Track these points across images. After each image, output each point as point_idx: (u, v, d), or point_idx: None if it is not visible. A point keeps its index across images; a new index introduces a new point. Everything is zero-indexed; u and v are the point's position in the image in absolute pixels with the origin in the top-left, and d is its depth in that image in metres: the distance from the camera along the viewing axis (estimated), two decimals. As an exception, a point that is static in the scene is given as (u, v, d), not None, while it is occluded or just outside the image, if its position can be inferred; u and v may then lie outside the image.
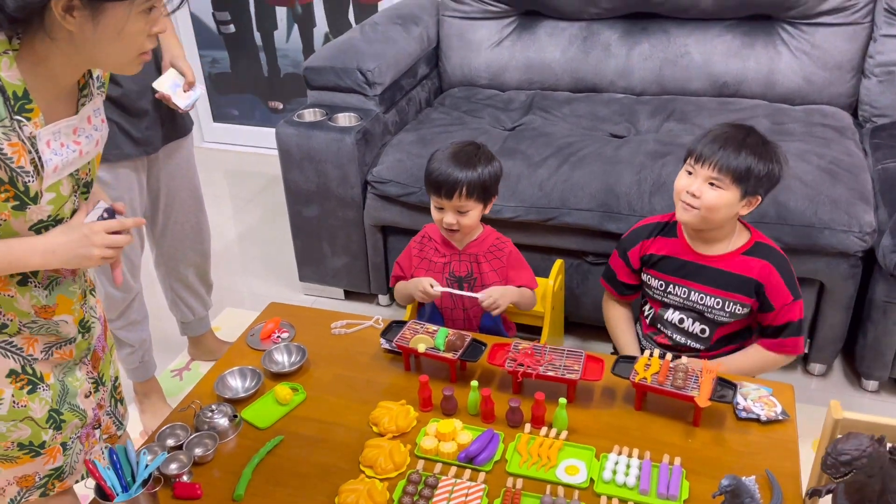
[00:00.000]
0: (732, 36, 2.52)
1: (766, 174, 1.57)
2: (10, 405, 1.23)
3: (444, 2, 2.79)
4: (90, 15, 1.00)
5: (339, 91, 2.46)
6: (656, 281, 1.77)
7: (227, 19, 3.65)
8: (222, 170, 3.84)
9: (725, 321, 1.72)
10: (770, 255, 1.67)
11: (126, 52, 1.08)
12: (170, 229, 2.07)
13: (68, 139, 1.14)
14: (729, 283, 1.68)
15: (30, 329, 1.22)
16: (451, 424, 1.41)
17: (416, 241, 1.89)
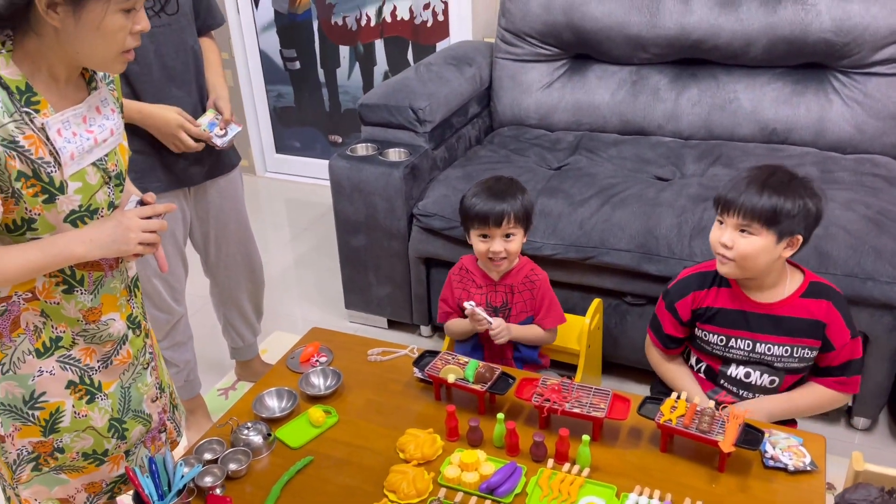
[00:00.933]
0: (783, 83, 2.51)
1: (798, 212, 1.49)
2: (72, 416, 1.30)
3: (498, 44, 2.88)
4: (71, 11, 1.05)
5: (391, 127, 2.55)
6: (715, 336, 1.67)
7: (293, 56, 3.83)
8: (282, 199, 3.99)
9: (796, 367, 1.65)
10: (828, 294, 1.61)
11: (107, 48, 1.12)
12: (222, 261, 2.18)
13: (79, 128, 1.18)
14: (794, 329, 1.61)
15: (83, 338, 1.29)
16: (476, 455, 1.44)
17: (454, 272, 1.95)
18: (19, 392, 1.27)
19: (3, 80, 1.08)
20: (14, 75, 1.09)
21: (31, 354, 1.26)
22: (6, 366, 1.25)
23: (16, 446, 1.30)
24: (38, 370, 1.27)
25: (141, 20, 1.13)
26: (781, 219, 1.50)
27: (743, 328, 1.64)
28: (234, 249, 2.18)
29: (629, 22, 2.61)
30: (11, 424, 1.28)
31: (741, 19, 2.48)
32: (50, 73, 1.14)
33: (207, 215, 2.09)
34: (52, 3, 1.04)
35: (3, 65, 1.08)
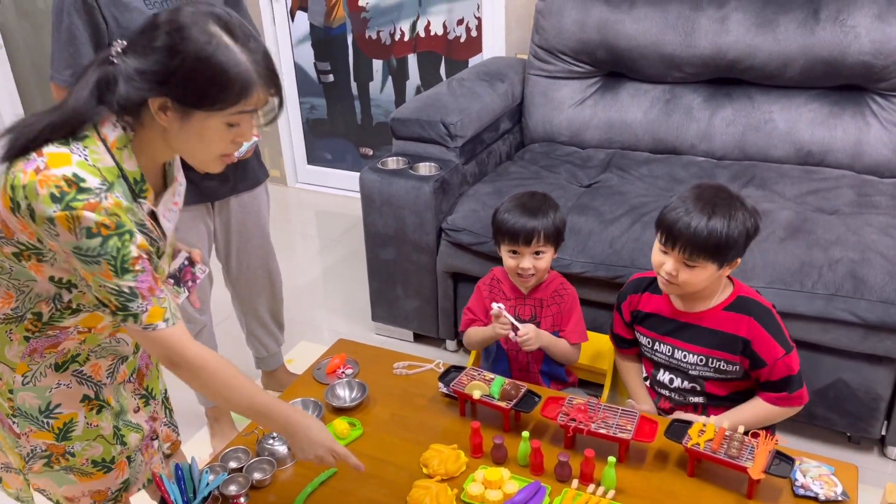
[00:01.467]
0: (819, 105, 2.48)
1: (740, 238, 1.52)
2: (84, 426, 1.35)
3: (531, 61, 2.88)
4: (180, 117, 1.13)
5: (423, 142, 2.57)
6: (644, 338, 1.75)
7: (327, 69, 3.87)
8: (313, 209, 4.03)
9: (713, 377, 1.67)
10: (752, 309, 1.61)
11: (207, 153, 1.20)
12: (243, 273, 2.21)
13: (170, 203, 1.31)
14: (711, 341, 1.63)
15: (96, 354, 1.35)
16: (499, 473, 1.43)
17: (484, 282, 1.95)
18: (35, 403, 1.31)
19: (125, 173, 1.17)
20: (133, 167, 1.19)
21: (51, 368, 1.31)
22: (27, 378, 1.30)
23: (30, 443, 1.34)
24: (57, 383, 1.31)
25: (245, 133, 1.19)
26: (724, 251, 1.52)
27: (664, 333, 1.70)
28: (256, 264, 2.20)
29: (664, 41, 2.60)
30: (27, 426, 1.33)
31: (778, 40, 2.46)
32: (152, 160, 1.24)
33: (230, 229, 2.11)
34: (164, 107, 1.13)
35: (126, 158, 1.17)
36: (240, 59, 1.11)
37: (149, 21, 1.14)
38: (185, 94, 1.11)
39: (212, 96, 1.11)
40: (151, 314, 1.17)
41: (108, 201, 1.11)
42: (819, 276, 1.95)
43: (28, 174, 1.10)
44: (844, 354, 1.99)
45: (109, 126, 1.16)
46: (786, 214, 2.14)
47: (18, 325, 1.26)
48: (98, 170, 1.13)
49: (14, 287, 1.23)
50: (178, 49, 1.09)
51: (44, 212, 1.08)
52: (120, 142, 1.16)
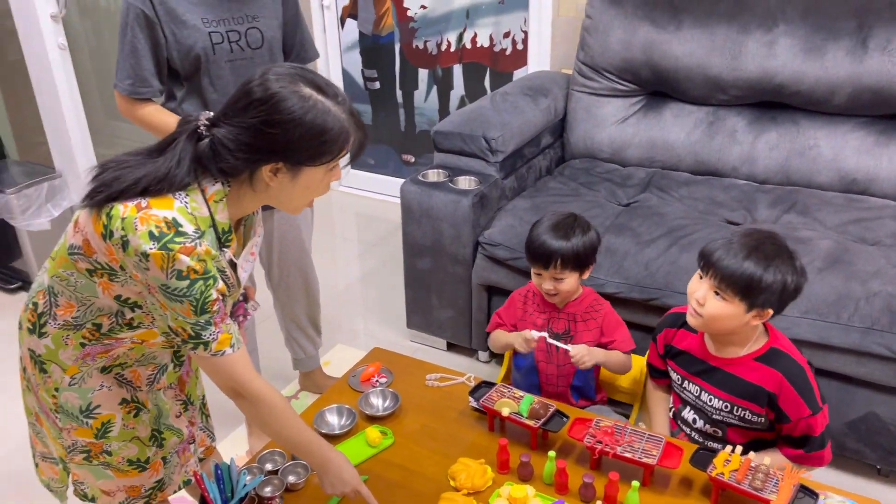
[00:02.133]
0: (866, 133, 2.46)
1: (775, 288, 1.49)
2: (120, 427, 1.43)
3: (575, 77, 2.91)
4: (291, 177, 1.23)
5: (464, 155, 2.61)
6: (675, 374, 1.75)
7: (374, 76, 3.95)
8: (354, 213, 4.11)
9: (736, 425, 1.66)
10: (784, 364, 1.58)
11: (307, 199, 1.31)
12: (283, 281, 2.29)
13: (248, 255, 1.39)
14: (737, 390, 1.62)
15: (139, 363, 1.43)
16: (525, 490, 1.46)
17: (520, 293, 1.99)
18: (77, 403, 1.39)
19: (216, 224, 1.25)
20: (224, 219, 1.27)
21: (98, 370, 1.39)
22: (75, 380, 1.38)
23: (71, 438, 1.43)
24: (100, 385, 1.39)
25: (338, 173, 1.29)
26: (756, 292, 1.50)
27: (694, 373, 1.70)
28: (295, 273, 2.28)
29: (710, 63, 2.60)
30: (69, 423, 1.41)
31: (826, 67, 2.44)
32: (241, 211, 1.32)
33: (271, 238, 2.19)
34: (276, 170, 1.22)
35: (220, 210, 1.25)
36: (336, 113, 1.20)
37: (242, 94, 1.19)
38: (299, 157, 1.20)
39: (322, 153, 1.21)
40: (221, 341, 1.25)
41: (201, 248, 1.19)
42: (856, 309, 1.94)
43: (129, 208, 1.17)
44: (878, 388, 1.98)
45: (210, 179, 1.24)
46: (826, 244, 2.13)
47: (76, 332, 1.34)
48: (195, 218, 1.21)
49: (77, 299, 1.31)
50: (285, 120, 1.16)
51: (139, 247, 1.15)
52: (217, 195, 1.24)
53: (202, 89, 1.90)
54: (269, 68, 1.22)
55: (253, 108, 1.18)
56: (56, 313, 1.33)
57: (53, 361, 1.36)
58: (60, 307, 1.33)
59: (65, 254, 1.29)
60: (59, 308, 1.33)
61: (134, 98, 1.87)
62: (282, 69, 1.21)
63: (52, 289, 1.33)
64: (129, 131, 1.90)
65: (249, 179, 1.24)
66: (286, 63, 1.26)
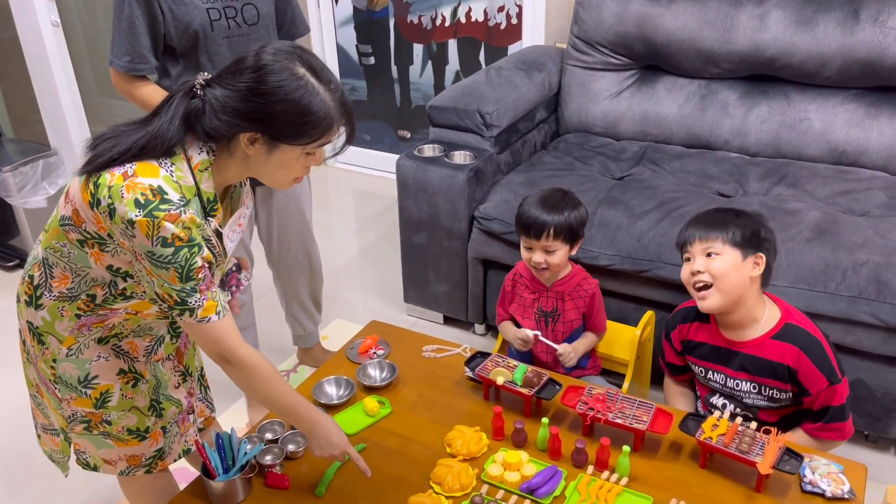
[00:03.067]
0: (856, 105, 2.48)
1: (755, 231, 1.65)
2: (119, 397, 1.46)
3: (569, 51, 2.91)
4: (267, 149, 1.25)
5: (459, 130, 2.63)
6: (697, 368, 1.80)
7: (368, 52, 3.94)
8: (350, 189, 4.12)
9: (767, 406, 1.71)
10: (799, 338, 1.64)
11: (285, 177, 1.32)
12: (284, 257, 2.30)
13: (235, 225, 1.41)
14: (761, 369, 1.68)
15: (135, 333, 1.46)
16: (519, 456, 1.51)
17: (508, 279, 2.02)
18: (76, 373, 1.42)
19: (201, 193, 1.28)
20: (209, 188, 1.30)
21: (94, 341, 1.42)
22: (72, 350, 1.41)
23: (71, 408, 1.46)
24: (97, 355, 1.42)
25: (318, 159, 1.32)
26: (741, 237, 1.64)
27: (717, 362, 1.75)
28: (296, 248, 2.29)
29: (702, 36, 2.61)
30: (68, 393, 1.45)
31: (817, 39, 2.45)
32: (225, 182, 1.35)
33: (271, 214, 2.21)
34: (253, 140, 1.24)
35: (205, 180, 1.28)
36: (325, 98, 1.22)
37: (237, 61, 1.24)
38: (277, 131, 1.22)
39: (302, 133, 1.23)
40: (206, 308, 1.28)
41: (185, 216, 1.21)
42: (843, 279, 1.98)
43: (116, 176, 1.20)
44: (865, 356, 2.02)
45: (195, 149, 1.27)
46: (815, 215, 2.16)
47: (71, 303, 1.37)
48: (180, 186, 1.24)
49: (71, 270, 1.34)
50: (272, 92, 1.19)
51: (125, 214, 1.18)
52: (203, 164, 1.28)
53: (200, 66, 1.90)
54: (271, 43, 1.25)
55: (243, 74, 1.21)
56: (51, 285, 1.36)
57: (50, 333, 1.39)
58: (55, 279, 1.35)
59: (56, 225, 1.32)
60: (54, 280, 1.35)
61: (132, 75, 1.88)
62: (283, 45, 1.24)
63: (47, 261, 1.36)
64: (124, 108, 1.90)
65: (228, 146, 1.27)
66: (289, 42, 1.28)
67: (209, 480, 1.44)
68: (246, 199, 1.47)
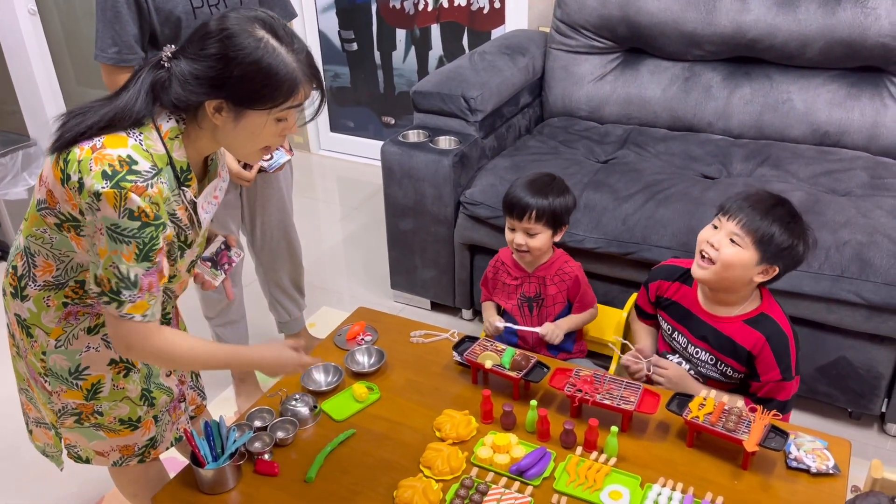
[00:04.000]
0: (838, 86, 2.49)
1: (788, 247, 1.58)
2: (110, 388, 1.45)
3: (553, 35, 2.91)
4: (233, 116, 1.23)
5: (443, 115, 2.62)
6: (665, 324, 1.83)
7: (351, 38, 3.91)
8: (335, 177, 4.11)
9: (717, 379, 1.75)
10: (769, 328, 1.65)
11: (255, 145, 1.30)
12: (266, 244, 2.30)
13: (211, 197, 1.40)
14: (723, 346, 1.70)
15: None
16: (508, 438, 1.52)
17: (491, 265, 2.03)
18: (66, 365, 1.41)
19: (174, 162, 1.26)
20: (181, 157, 1.28)
21: (84, 331, 1.40)
22: (61, 341, 1.39)
23: (61, 401, 1.45)
24: (87, 346, 1.41)
25: (291, 126, 1.29)
26: (772, 246, 1.57)
27: (685, 326, 1.77)
28: (277, 235, 2.29)
29: (685, 18, 2.61)
30: (59, 386, 1.43)
31: (799, 20, 2.46)
32: (199, 153, 1.33)
33: (254, 203, 2.20)
34: (219, 108, 1.23)
35: (176, 148, 1.27)
36: (287, 60, 1.20)
37: (200, 29, 1.23)
38: (240, 96, 1.21)
39: (264, 97, 1.21)
40: (136, 306, 1.25)
41: (153, 189, 1.20)
42: (826, 258, 2.00)
43: (84, 150, 1.18)
44: (848, 333, 2.05)
45: (164, 117, 1.26)
46: (798, 195, 2.18)
47: (58, 291, 1.35)
48: (150, 155, 1.22)
49: (54, 257, 1.32)
50: (231, 56, 1.18)
51: (92, 186, 1.16)
52: (172, 132, 1.26)
53: None
54: (234, 9, 1.24)
55: (206, 41, 1.20)
56: (35, 274, 1.34)
57: (37, 325, 1.38)
58: (39, 267, 1.33)
59: (34, 211, 1.30)
60: (37, 269, 1.34)
61: (122, 66, 1.84)
62: (245, 11, 1.24)
63: (29, 249, 1.34)
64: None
65: (196, 116, 1.25)
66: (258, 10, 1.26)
67: (198, 469, 1.44)
68: (223, 172, 1.46)
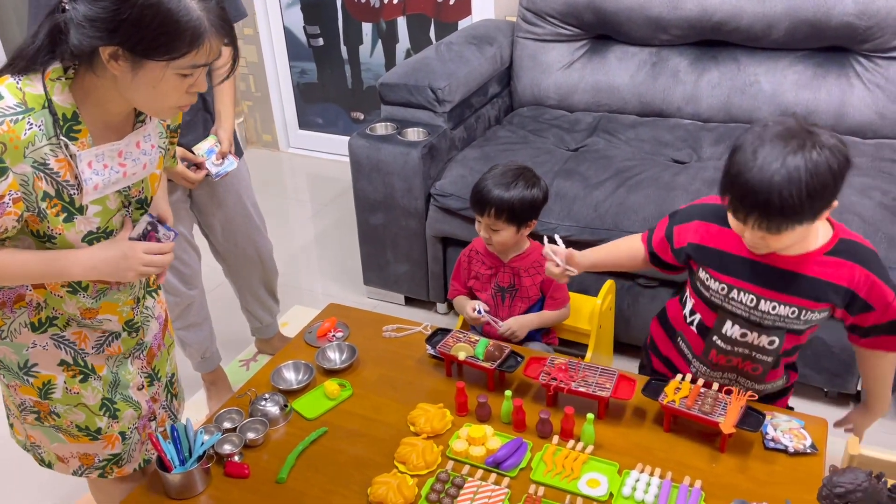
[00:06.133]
0: (804, 66, 2.50)
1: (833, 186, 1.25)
2: (63, 391, 1.38)
3: (519, 23, 2.88)
4: (131, 66, 1.12)
5: (411, 107, 2.59)
6: (717, 283, 1.46)
7: (316, 33, 3.86)
8: (305, 174, 4.05)
9: (799, 329, 1.46)
10: (861, 256, 1.39)
11: (161, 102, 1.19)
12: (231, 251, 2.22)
13: (112, 161, 1.24)
14: (810, 291, 1.39)
15: (77, 323, 1.36)
16: (483, 430, 1.49)
17: (465, 254, 2.00)
18: (14, 358, 1.35)
19: (53, 106, 1.15)
20: (65, 103, 1.16)
21: (27, 327, 1.33)
22: (4, 332, 1.33)
23: (19, 396, 1.40)
24: (32, 343, 1.35)
25: (198, 83, 1.18)
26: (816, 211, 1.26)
27: (748, 280, 1.43)
28: (243, 242, 2.21)
29: (650, 3, 2.60)
30: (13, 380, 1.38)
31: (763, 2, 2.46)
32: (102, 108, 1.21)
33: (209, 208, 2.12)
34: (115, 55, 1.11)
35: (58, 91, 1.15)
36: (191, 6, 1.09)
37: None
38: (136, 43, 1.09)
39: (163, 46, 1.10)
40: None
41: (3, 126, 1.10)
42: (797, 238, 1.99)
43: None
44: (821, 313, 2.05)
45: (54, 63, 1.15)
46: (768, 177, 2.18)
47: None
48: (23, 93, 1.12)
49: None
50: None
51: None
52: (55, 73, 1.15)
53: None
54: None
55: None
56: None
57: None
58: None
59: None
60: None
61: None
62: None
63: None
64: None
65: (92, 64, 1.14)
66: None
67: (165, 473, 1.39)
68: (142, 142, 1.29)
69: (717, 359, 1.55)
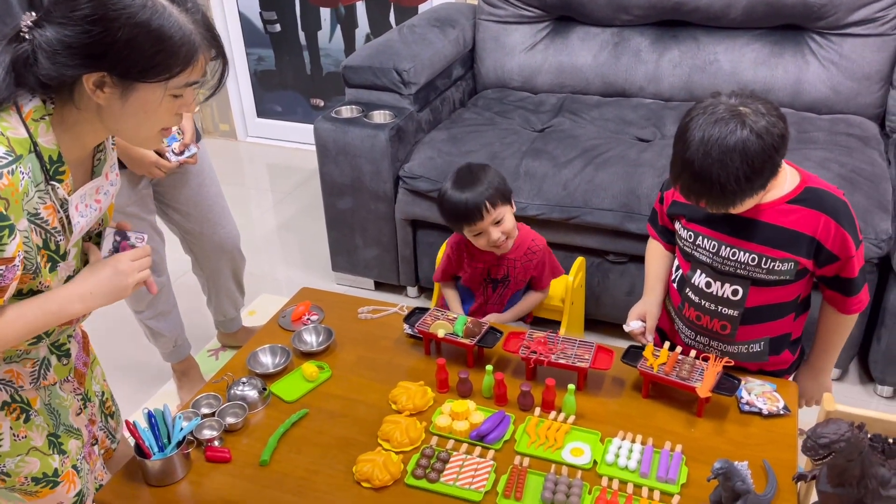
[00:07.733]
0: (761, 45, 2.56)
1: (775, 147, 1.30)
2: (10, 439, 1.23)
3: (481, 6, 2.88)
4: (120, 93, 1.04)
5: (376, 89, 2.57)
6: (686, 231, 1.53)
7: (273, 19, 3.80)
8: (265, 163, 3.99)
9: (764, 279, 1.46)
10: (825, 202, 1.40)
11: (150, 127, 1.11)
12: (197, 241, 2.17)
13: (91, 199, 1.18)
14: (771, 238, 1.42)
15: (9, 359, 1.22)
16: (466, 405, 1.49)
17: (451, 246, 2.00)
18: None
19: (39, 149, 1.06)
20: (49, 144, 1.07)
21: None
22: None
23: None
24: None
25: (187, 103, 1.11)
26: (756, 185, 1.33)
27: (710, 226, 1.48)
28: (209, 232, 2.15)
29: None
30: None
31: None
32: (80, 142, 1.13)
33: (170, 199, 2.07)
34: (101, 83, 1.03)
35: (42, 132, 1.06)
36: (182, 22, 1.03)
37: None
38: (128, 66, 1.01)
39: (158, 66, 1.02)
40: None
41: (3, 180, 1.00)
42: (762, 210, 2.04)
43: None
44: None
45: (25, 97, 1.05)
46: (730, 152, 2.22)
47: None
48: (7, 139, 1.02)
49: None
50: (111, 17, 0.99)
51: None
52: (36, 113, 1.05)
53: None
54: None
55: (76, 1, 0.99)
56: None
57: None
58: None
59: None
60: None
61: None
62: None
63: None
64: None
65: (72, 95, 1.05)
66: None
67: (144, 460, 1.36)
68: (111, 174, 1.24)
69: (689, 312, 1.60)
